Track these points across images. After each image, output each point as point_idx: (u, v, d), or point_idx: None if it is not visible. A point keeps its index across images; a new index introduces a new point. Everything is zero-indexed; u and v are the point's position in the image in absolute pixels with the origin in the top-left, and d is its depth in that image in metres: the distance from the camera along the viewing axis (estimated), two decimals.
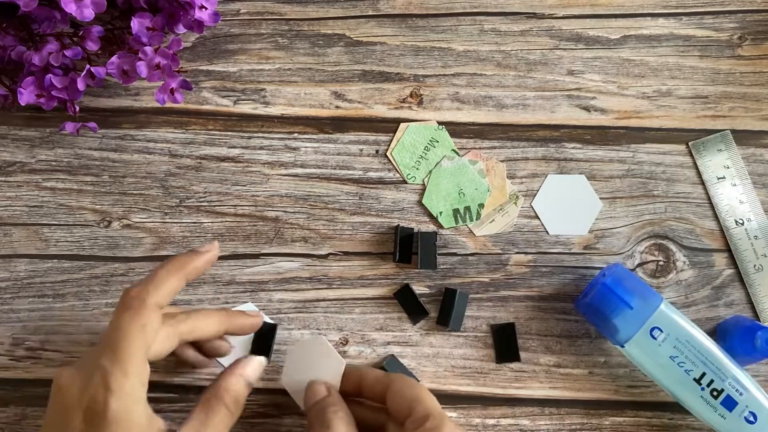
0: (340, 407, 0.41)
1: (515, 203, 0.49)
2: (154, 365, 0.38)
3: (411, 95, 0.51)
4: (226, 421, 0.40)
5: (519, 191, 0.50)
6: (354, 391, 0.43)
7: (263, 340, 0.46)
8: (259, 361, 0.43)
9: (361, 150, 0.50)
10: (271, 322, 0.47)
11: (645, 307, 0.43)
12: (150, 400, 0.37)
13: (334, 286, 0.49)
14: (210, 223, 0.49)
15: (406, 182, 0.50)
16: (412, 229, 0.49)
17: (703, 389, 0.42)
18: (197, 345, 0.45)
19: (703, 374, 0.42)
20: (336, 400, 0.42)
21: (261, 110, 0.51)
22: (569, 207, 0.49)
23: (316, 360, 0.45)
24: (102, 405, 0.35)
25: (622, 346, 0.44)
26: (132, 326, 0.37)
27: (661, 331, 0.43)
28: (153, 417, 0.38)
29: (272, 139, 0.50)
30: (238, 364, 0.42)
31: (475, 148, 0.50)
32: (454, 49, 0.51)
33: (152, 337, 0.38)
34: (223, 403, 0.40)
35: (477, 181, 0.50)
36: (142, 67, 0.45)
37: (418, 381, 0.47)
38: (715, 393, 0.42)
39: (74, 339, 0.48)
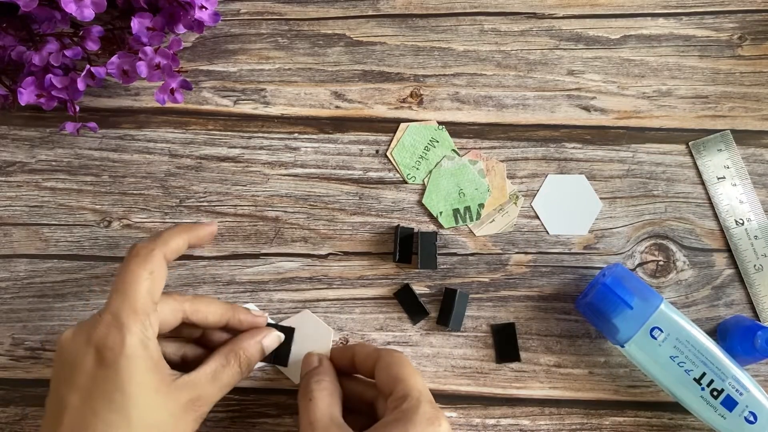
0: (326, 377, 0.42)
1: (515, 203, 0.49)
2: None
3: (411, 95, 0.51)
4: (236, 378, 0.41)
5: (519, 191, 0.50)
6: (348, 367, 0.44)
7: (282, 344, 0.46)
8: (278, 335, 0.45)
9: (361, 150, 0.50)
10: (287, 325, 0.47)
11: (645, 307, 0.43)
12: None
13: (334, 286, 0.49)
14: None
15: (406, 182, 0.50)
16: (412, 229, 0.49)
17: (703, 389, 0.42)
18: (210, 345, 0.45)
19: (703, 374, 0.42)
20: (323, 370, 0.43)
21: (261, 110, 0.51)
22: (569, 207, 0.49)
23: (305, 333, 0.47)
24: (117, 341, 0.36)
25: (622, 346, 0.44)
26: (140, 270, 0.38)
27: (662, 331, 0.43)
28: (162, 358, 0.39)
29: (272, 139, 0.50)
30: (259, 331, 0.44)
31: (475, 148, 0.50)
32: (454, 49, 0.51)
33: (159, 284, 0.39)
34: (238, 361, 0.42)
35: (477, 181, 0.50)
36: (142, 67, 0.45)
37: None
38: (715, 393, 0.42)
39: None
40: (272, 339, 0.44)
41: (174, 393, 0.38)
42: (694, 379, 0.42)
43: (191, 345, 0.45)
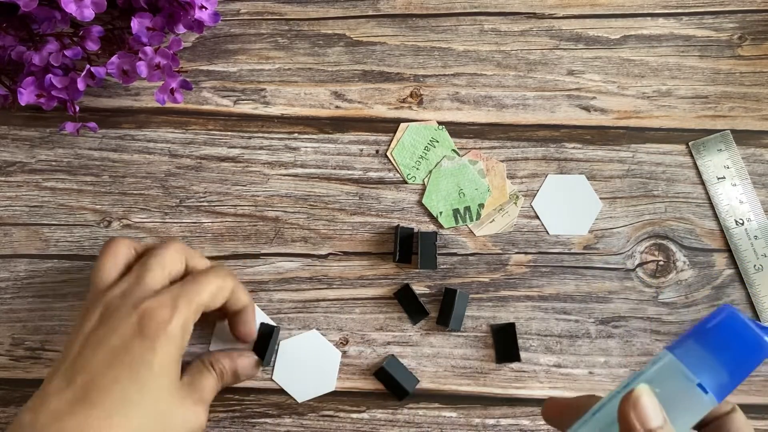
0: None
1: (515, 203, 0.49)
2: None
3: (411, 95, 0.51)
4: (212, 384, 0.42)
5: (519, 191, 0.50)
6: None
7: (262, 342, 0.47)
8: (256, 360, 0.46)
9: (361, 150, 0.50)
10: (272, 324, 0.47)
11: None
12: None
13: (334, 286, 0.49)
14: (210, 223, 0.49)
15: (406, 182, 0.50)
16: (412, 229, 0.49)
17: None
18: None
19: None
20: None
21: (261, 110, 0.51)
22: (569, 207, 0.49)
23: (312, 354, 0.47)
24: (165, 317, 0.37)
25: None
26: (215, 279, 0.40)
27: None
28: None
29: (272, 139, 0.50)
30: (235, 353, 0.45)
31: (475, 148, 0.50)
32: (454, 49, 0.51)
33: (218, 301, 0.41)
34: (211, 370, 0.42)
35: (477, 181, 0.50)
36: (142, 67, 0.45)
37: (419, 381, 0.47)
38: None
39: None
40: (245, 364, 0.45)
41: (185, 390, 0.39)
42: None
43: None
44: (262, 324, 0.47)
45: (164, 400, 0.36)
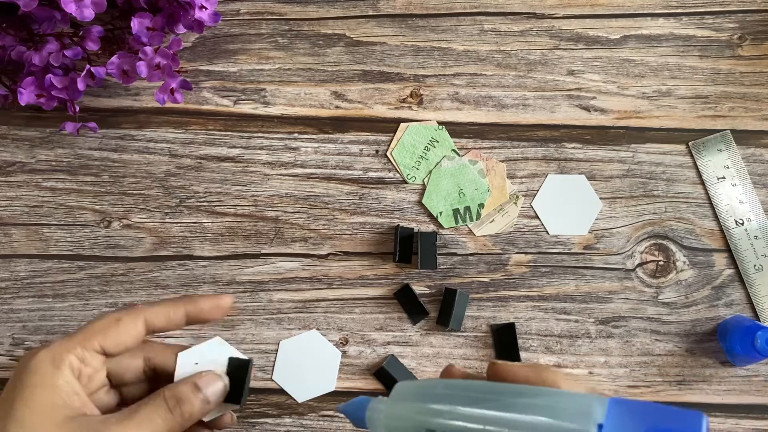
0: None
1: (515, 203, 0.49)
2: None
3: (411, 95, 0.51)
4: (162, 414, 0.35)
5: (519, 191, 0.50)
6: None
7: (234, 381, 0.36)
8: (225, 385, 0.36)
9: (361, 150, 0.50)
10: (244, 357, 0.36)
11: None
12: None
13: (334, 286, 0.49)
14: (210, 223, 0.49)
15: (406, 182, 0.50)
16: (412, 229, 0.49)
17: None
18: None
19: None
20: None
21: (261, 110, 0.51)
22: (569, 207, 0.49)
23: (311, 353, 0.47)
24: (30, 354, 0.34)
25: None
26: (109, 314, 0.36)
27: None
28: (82, 395, 0.34)
29: (272, 139, 0.50)
30: (199, 377, 0.36)
31: (475, 148, 0.50)
32: (454, 49, 0.51)
33: (120, 334, 0.36)
34: (162, 396, 0.35)
35: (477, 181, 0.50)
36: (142, 67, 0.45)
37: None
38: None
39: None
40: (214, 390, 0.35)
41: (83, 424, 0.33)
42: None
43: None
44: (231, 358, 0.36)
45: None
